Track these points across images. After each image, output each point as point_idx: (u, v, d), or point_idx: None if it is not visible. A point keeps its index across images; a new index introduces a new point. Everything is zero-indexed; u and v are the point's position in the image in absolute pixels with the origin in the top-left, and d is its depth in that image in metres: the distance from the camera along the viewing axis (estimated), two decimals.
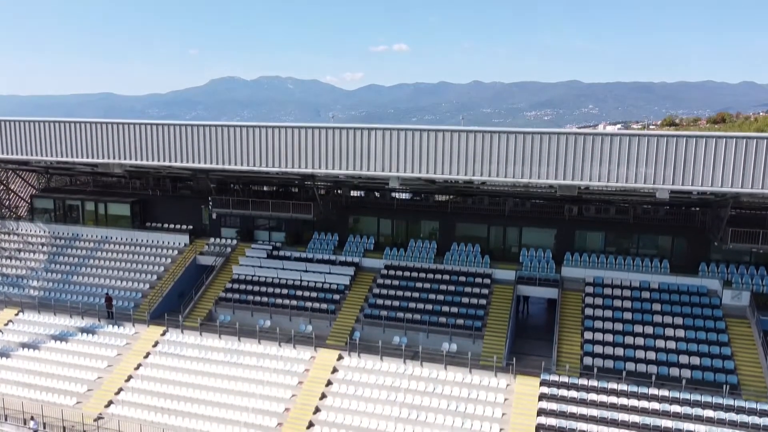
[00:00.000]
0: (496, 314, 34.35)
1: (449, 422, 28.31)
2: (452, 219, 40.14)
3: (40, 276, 42.80)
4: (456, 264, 37.77)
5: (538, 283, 35.65)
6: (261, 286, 38.37)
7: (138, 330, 36.49)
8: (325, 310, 36.07)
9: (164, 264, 41.99)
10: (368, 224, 41.82)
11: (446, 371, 30.96)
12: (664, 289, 33.60)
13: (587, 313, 33.02)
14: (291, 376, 31.91)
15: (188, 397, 31.50)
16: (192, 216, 45.11)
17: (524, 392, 29.40)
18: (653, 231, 36.81)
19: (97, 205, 47.20)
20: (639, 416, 27.19)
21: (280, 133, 25.54)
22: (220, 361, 33.43)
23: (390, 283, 37.16)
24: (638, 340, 31.10)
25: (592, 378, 29.25)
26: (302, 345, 33.75)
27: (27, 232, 47.20)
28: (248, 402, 30.73)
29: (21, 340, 36.92)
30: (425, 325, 33.94)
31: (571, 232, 37.76)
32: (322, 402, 30.34)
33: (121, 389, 32.63)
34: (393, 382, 30.73)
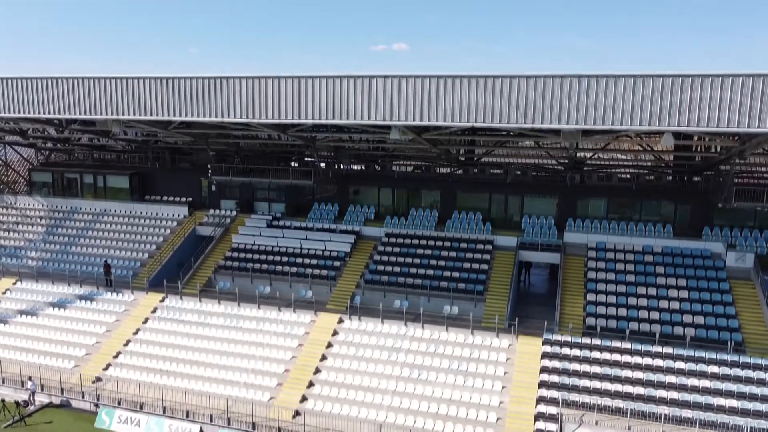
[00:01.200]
0: (497, 279, 34.07)
1: (451, 380, 28.03)
2: (453, 188, 39.85)
3: (38, 247, 42.50)
4: (457, 231, 37.48)
5: (540, 248, 35.35)
6: (261, 254, 38.07)
7: (136, 297, 36.18)
8: (326, 276, 35.76)
9: (163, 235, 41.70)
10: (368, 194, 41.51)
11: (447, 333, 30.66)
12: (668, 253, 33.28)
13: (590, 276, 32.71)
14: (291, 339, 31.62)
15: (187, 359, 31.22)
16: (191, 189, 44.82)
17: (526, 351, 29.10)
18: (656, 197, 36.52)
19: (96, 177, 46.87)
20: (643, 373, 26.92)
21: (280, 84, 25.16)
22: (220, 325, 33.14)
23: (391, 250, 36.85)
24: (641, 301, 30.79)
25: (595, 337, 28.95)
26: (302, 309, 33.45)
27: (25, 206, 46.89)
28: (248, 363, 30.45)
29: (19, 307, 36.63)
30: (426, 290, 33.64)
31: (573, 200, 37.46)
32: (323, 363, 30.05)
33: (119, 353, 32.34)
34: (394, 343, 30.44)
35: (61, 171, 48.45)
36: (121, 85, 27.41)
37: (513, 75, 22.35)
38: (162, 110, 27.00)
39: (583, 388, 26.58)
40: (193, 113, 26.60)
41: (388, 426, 25.93)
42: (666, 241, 33.90)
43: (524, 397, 26.76)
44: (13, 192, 49.10)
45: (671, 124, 21.02)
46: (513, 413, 26.13)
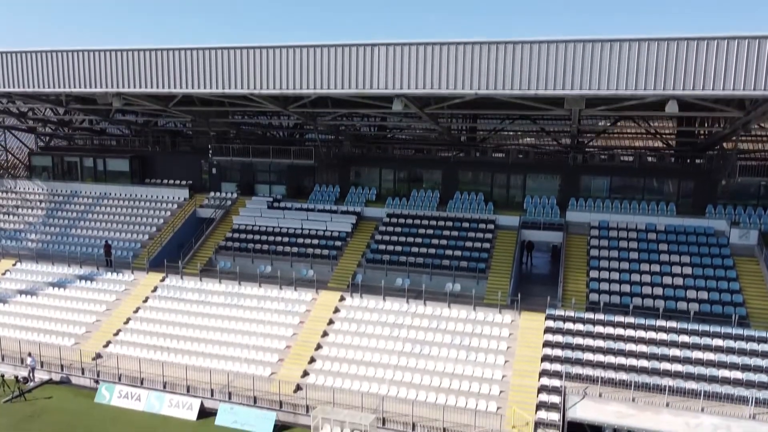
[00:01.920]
0: (499, 257, 33.89)
1: (453, 355, 27.86)
2: (455, 168, 39.68)
3: (38, 230, 42.31)
4: (459, 211, 37.29)
5: (543, 227, 35.19)
6: (261, 235, 37.88)
7: (137, 277, 35.99)
8: (327, 255, 35.58)
9: (163, 217, 41.51)
10: (370, 176, 41.36)
11: (450, 309, 30.48)
12: (671, 231, 33.08)
13: (593, 254, 32.52)
14: (292, 316, 31.43)
15: (188, 336, 31.03)
16: (191, 172, 44.64)
17: (529, 327, 28.93)
18: (659, 176, 36.33)
19: (96, 161, 46.70)
20: (646, 346, 26.74)
21: (281, 54, 24.93)
22: (221, 303, 32.95)
23: (392, 230, 36.67)
24: (645, 278, 30.60)
25: (598, 312, 28.77)
26: (303, 288, 33.27)
27: (25, 190, 46.71)
28: (248, 340, 30.28)
29: (18, 287, 36.44)
30: (428, 268, 33.46)
31: (576, 179, 37.29)
32: (324, 339, 29.86)
33: (119, 330, 32.16)
34: (396, 320, 30.25)
35: (61, 155, 48.25)
36: (121, 58, 27.18)
37: (516, 41, 22.14)
38: (162, 82, 26.78)
39: (586, 361, 26.41)
40: (194, 85, 26.38)
41: (391, 399, 25.75)
42: (669, 219, 33.73)
43: (527, 371, 26.59)
44: (13, 176, 48.88)
45: (676, 88, 20.82)
46: (516, 386, 25.96)
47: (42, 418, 26.45)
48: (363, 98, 27.90)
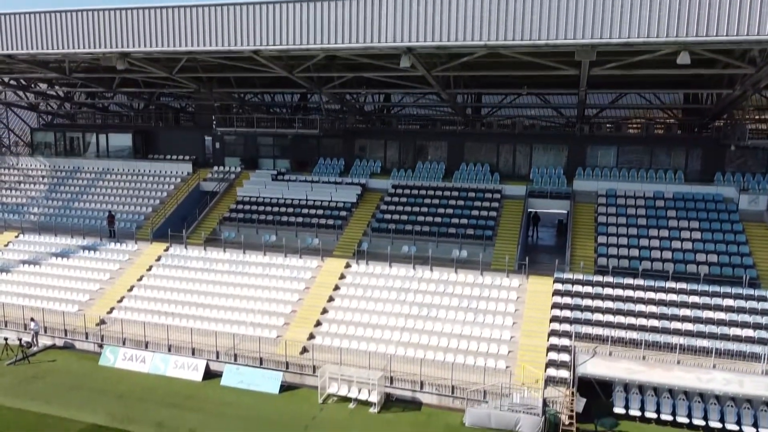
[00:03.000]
0: (506, 225, 33.62)
1: (461, 317, 27.59)
2: (461, 140, 39.38)
3: (41, 203, 42.06)
4: (465, 182, 37.01)
5: (550, 196, 34.91)
6: (266, 206, 37.61)
7: (140, 247, 35.72)
8: (332, 225, 35.31)
9: (167, 190, 41.25)
10: (374, 149, 41.07)
11: (457, 274, 30.20)
12: (679, 198, 32.81)
13: (600, 220, 32.26)
14: (297, 282, 31.17)
15: (192, 302, 30.76)
16: (195, 147, 44.38)
17: (537, 290, 28.66)
18: (667, 144, 36.03)
19: (98, 136, 46.41)
20: (656, 307, 26.49)
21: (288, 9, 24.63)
22: (225, 271, 32.69)
23: (398, 200, 36.41)
24: (653, 243, 30.35)
25: (607, 275, 28.51)
26: (309, 256, 33.00)
27: (27, 166, 46.44)
28: (254, 305, 30.03)
29: (21, 258, 36.17)
30: (434, 236, 33.18)
31: (583, 149, 37.02)
32: (330, 304, 29.60)
33: (123, 298, 31.88)
34: (402, 285, 29.99)
35: (63, 130, 47.97)
36: (125, 17, 26.86)
37: None
38: (168, 40, 26.42)
39: (595, 321, 26.16)
40: (199, 42, 26.02)
41: (398, 359, 25.49)
42: (677, 187, 33.45)
43: (536, 332, 26.33)
44: (15, 154, 48.60)
45: (689, 34, 20.50)
46: (524, 346, 25.70)
47: (46, 379, 26.20)
48: (370, 57, 27.59)
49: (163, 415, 22.95)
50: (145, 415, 22.95)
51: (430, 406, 24.20)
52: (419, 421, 23.08)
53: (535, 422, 21.90)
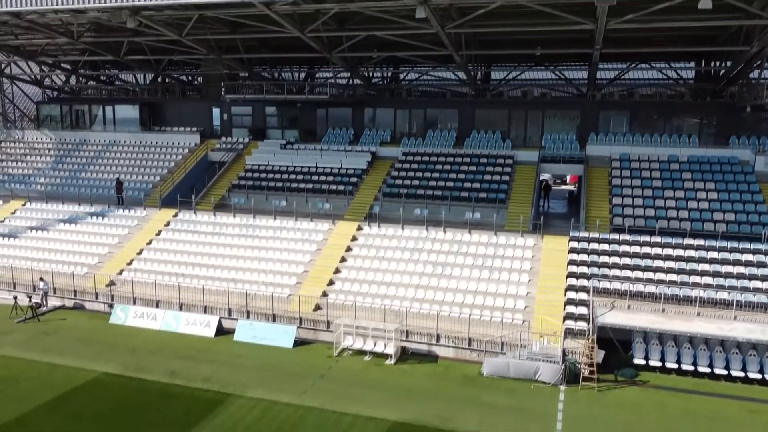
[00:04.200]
0: (519, 189, 33.28)
1: (476, 275, 27.26)
2: (471, 108, 39.03)
3: (47, 174, 41.68)
4: (476, 148, 36.65)
5: (563, 161, 34.54)
6: (275, 174, 37.25)
7: (149, 213, 35.38)
8: (343, 191, 34.94)
9: (174, 161, 40.91)
10: (384, 117, 40.68)
11: (470, 235, 29.87)
12: (694, 161, 32.44)
13: (615, 183, 31.89)
14: (309, 244, 30.85)
15: (203, 263, 30.42)
16: (202, 119, 43.93)
17: (553, 248, 28.35)
18: (680, 109, 35.69)
19: (105, 109, 46.01)
20: (674, 263, 26.15)
21: None
22: (235, 234, 32.36)
23: (408, 166, 36.03)
24: (669, 203, 29.98)
25: (623, 233, 28.17)
26: (320, 219, 32.67)
27: (33, 139, 46.09)
28: (265, 266, 29.70)
29: (28, 224, 35.86)
30: (446, 200, 32.80)
31: (595, 115, 36.66)
32: (342, 264, 29.27)
33: (132, 260, 31.54)
34: (416, 245, 29.66)
35: (70, 103, 47.59)
36: None
37: None
38: None
39: (613, 277, 25.80)
40: None
41: (414, 315, 25.14)
42: (692, 150, 33.09)
43: (552, 288, 26.00)
44: (21, 128, 48.23)
45: None
46: (541, 301, 25.37)
47: (56, 335, 25.90)
48: (384, 12, 27.23)
49: (176, 366, 22.63)
50: (157, 366, 22.63)
51: (446, 359, 23.89)
52: (436, 372, 22.77)
53: (555, 370, 21.58)
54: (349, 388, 20.98)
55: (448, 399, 20.31)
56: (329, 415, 18.87)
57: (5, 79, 48.26)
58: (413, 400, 20.14)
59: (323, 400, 19.89)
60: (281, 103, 41.33)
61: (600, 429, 18.24)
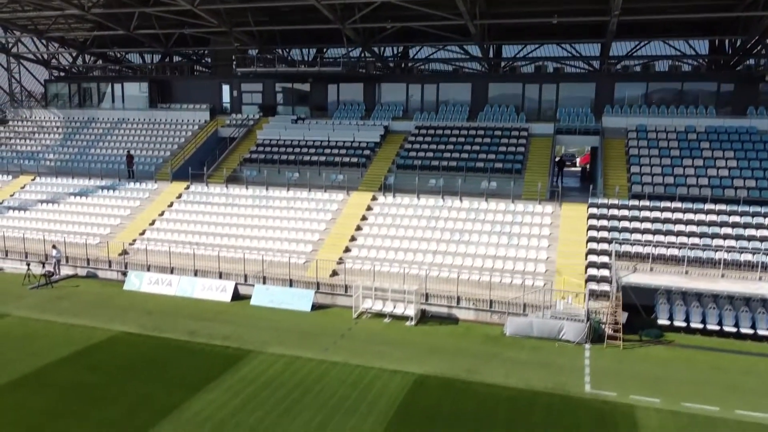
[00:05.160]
0: (535, 159, 32.98)
1: (494, 240, 26.93)
2: (485, 81, 38.67)
3: (56, 150, 41.31)
4: (491, 121, 36.30)
5: (578, 132, 34.21)
6: (287, 147, 36.91)
7: (160, 186, 35.09)
8: (356, 163, 34.61)
9: (185, 137, 40.56)
10: (396, 93, 40.27)
11: (487, 203, 29.55)
12: (711, 131, 32.07)
13: (632, 153, 31.55)
14: (324, 213, 30.54)
15: (217, 233, 30.11)
16: (211, 96, 43.60)
17: (572, 215, 28.03)
18: (697, 80, 35.34)
19: (114, 86, 45.65)
20: (696, 227, 25.81)
21: None
22: (249, 205, 32.06)
23: (422, 139, 35.69)
24: (688, 171, 29.64)
25: (643, 199, 27.85)
26: (334, 190, 32.34)
27: (41, 118, 45.74)
28: (280, 234, 29.38)
29: (39, 198, 35.55)
30: (462, 171, 32.46)
31: (611, 88, 36.27)
32: (358, 232, 28.95)
33: (145, 230, 31.23)
34: (432, 213, 29.34)
35: (78, 81, 47.24)
36: None
37: None
38: None
39: (634, 241, 25.47)
40: None
41: (433, 279, 24.82)
42: (709, 121, 32.73)
43: (573, 252, 25.67)
44: (28, 106, 47.88)
45: None
46: (562, 265, 25.01)
47: (71, 299, 25.59)
48: None
49: (195, 326, 22.33)
50: (175, 326, 22.34)
51: (466, 321, 23.58)
52: (458, 332, 22.47)
53: (579, 329, 21.27)
54: (371, 346, 20.68)
55: (472, 355, 20.01)
56: (353, 369, 18.56)
57: (12, 58, 47.91)
58: (437, 356, 19.83)
59: (346, 356, 19.59)
60: (292, 79, 40.99)
61: (629, 382, 17.92)
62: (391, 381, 17.74)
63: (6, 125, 45.37)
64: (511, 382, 17.85)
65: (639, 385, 17.68)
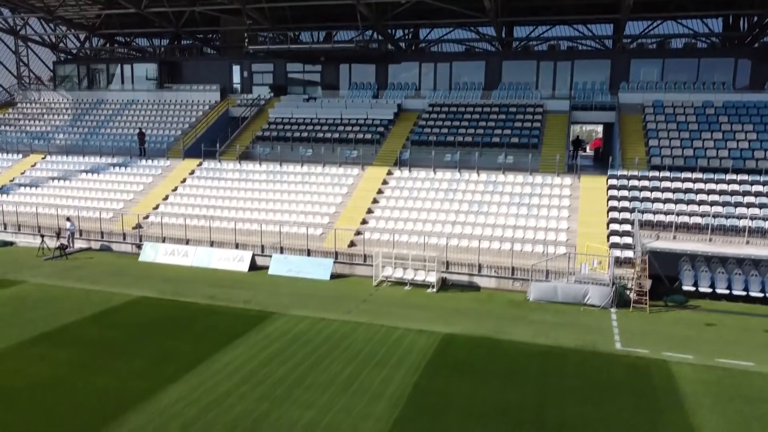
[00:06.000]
0: (551, 134, 32.71)
1: (514, 211, 26.66)
2: (498, 59, 38.39)
3: (66, 131, 41.03)
4: (505, 99, 36.02)
5: (594, 108, 33.94)
6: (300, 125, 36.65)
7: (172, 163, 34.80)
8: (370, 140, 34.35)
9: (195, 116, 40.29)
10: (408, 72, 40.02)
11: (505, 176, 29.27)
12: (729, 106, 31.80)
13: (650, 127, 31.28)
14: (339, 187, 30.28)
15: (232, 206, 29.85)
16: (221, 77, 43.35)
17: (591, 187, 27.77)
18: (713, 56, 35.04)
19: (123, 67, 45.37)
20: (719, 196, 25.53)
21: None
22: (263, 180, 31.81)
23: (436, 116, 35.43)
24: (707, 144, 29.38)
25: (663, 170, 27.58)
26: (348, 165, 32.07)
27: (50, 100, 45.48)
28: (296, 207, 29.13)
29: (50, 175, 35.29)
30: (477, 147, 32.19)
31: (626, 65, 36.01)
32: (375, 205, 28.68)
33: (158, 205, 30.98)
34: (449, 186, 29.07)
35: (87, 62, 46.95)
36: None
37: None
38: None
39: (656, 210, 25.17)
40: None
41: (453, 249, 24.54)
42: (727, 96, 32.46)
43: (594, 222, 25.40)
44: (36, 89, 47.59)
45: None
46: (584, 234, 24.69)
47: (87, 269, 25.35)
48: None
49: (214, 292, 22.07)
50: (194, 291, 22.09)
51: (488, 288, 23.32)
52: (480, 298, 22.21)
53: (605, 293, 21.00)
54: (395, 309, 20.43)
55: (497, 317, 19.76)
56: (378, 328, 18.31)
57: (20, 41, 47.64)
58: (462, 318, 19.58)
59: (370, 318, 19.34)
60: (303, 59, 40.71)
61: (659, 341, 17.64)
62: (418, 339, 17.47)
63: (14, 107, 45.10)
64: (539, 341, 17.58)
65: (669, 344, 17.41)
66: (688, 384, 14.66)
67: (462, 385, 14.43)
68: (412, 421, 12.56)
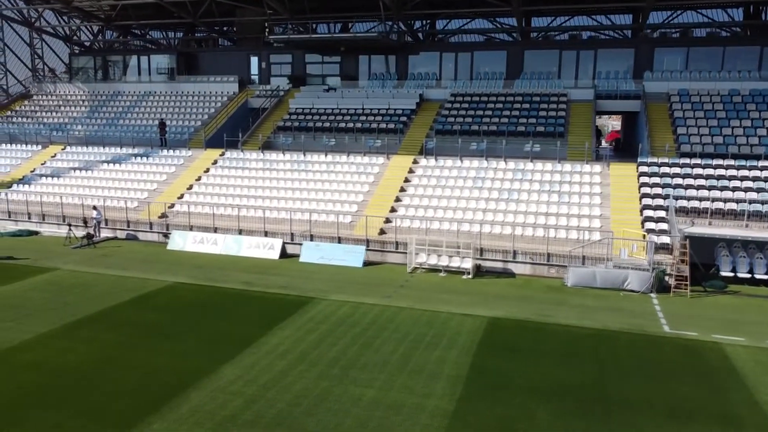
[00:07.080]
0: (576, 123, 32.50)
1: (545, 198, 26.46)
2: (520, 49, 38.16)
3: (84, 122, 40.86)
4: (528, 88, 35.81)
5: (619, 97, 33.72)
6: (321, 116, 36.46)
7: (194, 153, 34.62)
8: (393, 129, 34.16)
9: (215, 107, 40.12)
10: (428, 62, 39.79)
11: (533, 164, 29.07)
12: (756, 94, 31.57)
13: (677, 115, 31.06)
14: (366, 176, 30.09)
15: (258, 195, 29.67)
16: (239, 68, 43.10)
17: (621, 174, 27.56)
18: (739, 44, 34.82)
19: (140, 59, 45.17)
20: (752, 182, 25.34)
21: None
22: (287, 169, 31.61)
23: (458, 106, 35.22)
24: (737, 131, 29.16)
25: (694, 158, 27.38)
26: (373, 154, 31.87)
27: (66, 92, 45.29)
28: (323, 195, 28.95)
29: (71, 165, 35.11)
30: (503, 135, 31.99)
31: (650, 53, 35.76)
32: (402, 193, 28.48)
33: (183, 195, 30.80)
34: (477, 174, 28.88)
35: (104, 54, 46.75)
36: None
37: None
38: None
39: (690, 196, 25.00)
40: None
41: (486, 236, 24.36)
42: (754, 84, 32.22)
43: (627, 208, 25.22)
44: (52, 81, 47.41)
45: None
46: (617, 220, 24.52)
47: (116, 257, 25.17)
48: None
49: (249, 278, 21.89)
50: (229, 278, 21.91)
51: (523, 275, 23.13)
52: (517, 284, 22.03)
53: (644, 278, 20.80)
54: (433, 294, 20.25)
55: (538, 302, 19.59)
56: (422, 312, 18.12)
57: (35, 33, 47.46)
58: (503, 302, 19.41)
59: (410, 302, 19.16)
60: (323, 50, 40.49)
61: (706, 324, 17.44)
62: (464, 321, 17.30)
63: (30, 99, 44.93)
64: (586, 324, 17.40)
65: (717, 327, 17.23)
66: (746, 363, 14.50)
67: (518, 364, 14.27)
68: (476, 399, 12.39)
